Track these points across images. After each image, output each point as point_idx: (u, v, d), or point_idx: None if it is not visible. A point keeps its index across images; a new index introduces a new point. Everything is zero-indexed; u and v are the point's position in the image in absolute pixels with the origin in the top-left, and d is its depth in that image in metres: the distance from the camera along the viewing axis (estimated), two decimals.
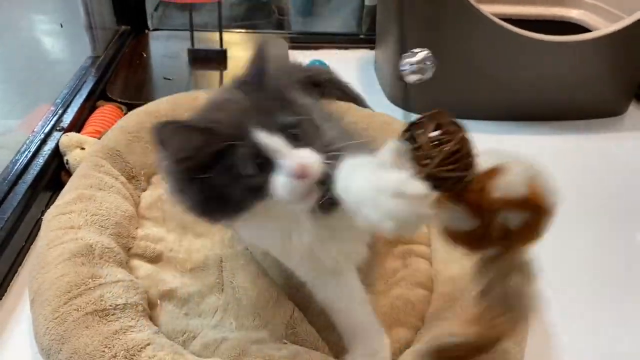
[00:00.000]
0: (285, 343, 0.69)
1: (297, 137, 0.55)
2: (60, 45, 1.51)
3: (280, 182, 0.54)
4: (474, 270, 0.56)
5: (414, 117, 0.81)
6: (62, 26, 1.38)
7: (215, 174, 0.55)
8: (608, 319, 0.82)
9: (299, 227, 0.61)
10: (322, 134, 0.58)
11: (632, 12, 1.22)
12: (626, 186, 1.15)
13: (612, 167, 1.21)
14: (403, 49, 1.29)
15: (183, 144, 0.55)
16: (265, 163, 0.55)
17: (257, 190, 0.55)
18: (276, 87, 0.58)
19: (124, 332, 0.64)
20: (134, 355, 0.61)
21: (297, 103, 0.59)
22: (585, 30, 1.46)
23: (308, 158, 0.54)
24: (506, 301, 0.54)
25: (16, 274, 0.83)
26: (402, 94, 1.33)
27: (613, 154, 1.25)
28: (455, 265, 0.78)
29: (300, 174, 0.53)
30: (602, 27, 1.37)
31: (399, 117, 1.11)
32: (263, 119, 0.55)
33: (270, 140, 0.54)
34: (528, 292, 0.54)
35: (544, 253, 0.90)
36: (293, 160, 0.54)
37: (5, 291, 0.80)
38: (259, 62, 0.60)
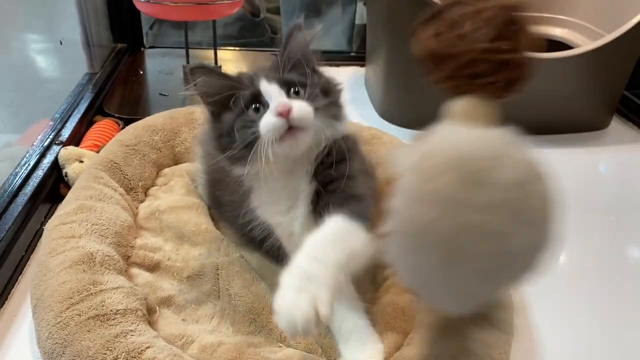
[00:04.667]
0: (281, 347, 0.72)
1: (297, 93, 0.68)
2: (57, 63, 1.53)
3: (264, 119, 0.65)
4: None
5: (404, 131, 0.84)
6: (61, 43, 1.41)
7: (227, 114, 0.69)
8: (596, 332, 0.84)
9: (299, 200, 0.71)
10: (318, 99, 0.68)
11: (611, 31, 1.27)
12: (608, 200, 1.18)
13: (594, 181, 1.24)
14: (392, 66, 1.33)
15: (207, 82, 0.69)
16: (262, 107, 0.67)
17: (253, 131, 0.66)
18: (294, 51, 0.72)
19: (125, 336, 0.66)
20: (135, 358, 0.63)
21: (309, 71, 0.70)
22: (569, 47, 1.50)
23: (292, 103, 0.65)
24: None
25: (17, 283, 0.85)
26: (393, 109, 1.37)
27: (595, 168, 1.29)
28: None
29: (281, 112, 0.64)
30: (584, 44, 1.42)
31: (389, 132, 1.14)
32: (271, 74, 0.69)
33: (267, 87, 0.67)
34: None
35: None
36: (278, 101, 0.65)
37: (6, 300, 0.82)
38: (289, 32, 0.73)
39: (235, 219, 0.81)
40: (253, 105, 0.68)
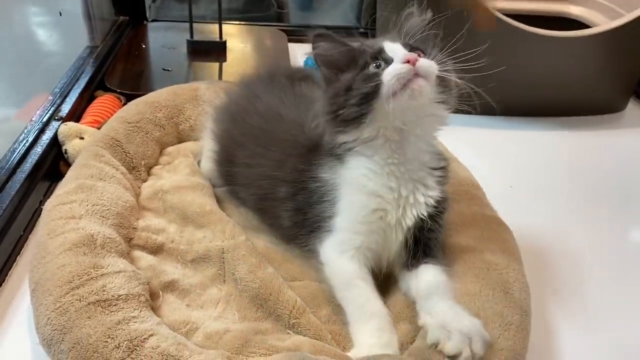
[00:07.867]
0: (289, 334, 0.69)
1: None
2: (58, 36, 1.49)
3: (389, 68, 0.66)
4: None
5: None
6: (61, 14, 1.36)
7: (346, 74, 0.70)
8: (605, 312, 0.83)
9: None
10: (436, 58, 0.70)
11: (632, 9, 1.22)
12: (624, 182, 1.16)
13: (611, 163, 1.21)
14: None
15: (327, 47, 0.71)
16: (384, 63, 0.67)
17: (375, 81, 0.66)
18: (411, 32, 0.74)
19: (127, 323, 0.63)
20: (137, 346, 0.60)
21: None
22: (586, 26, 1.46)
23: (417, 56, 0.66)
24: None
25: (14, 264, 0.83)
26: None
27: (611, 150, 1.26)
28: (456, 263, 0.78)
29: (408, 59, 0.65)
30: (603, 23, 1.37)
31: None
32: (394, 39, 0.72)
33: (391, 45, 0.69)
34: None
35: (542, 249, 0.91)
36: (403, 52, 0.67)
37: (4, 281, 0.80)
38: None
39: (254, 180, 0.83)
40: (375, 63, 0.68)
